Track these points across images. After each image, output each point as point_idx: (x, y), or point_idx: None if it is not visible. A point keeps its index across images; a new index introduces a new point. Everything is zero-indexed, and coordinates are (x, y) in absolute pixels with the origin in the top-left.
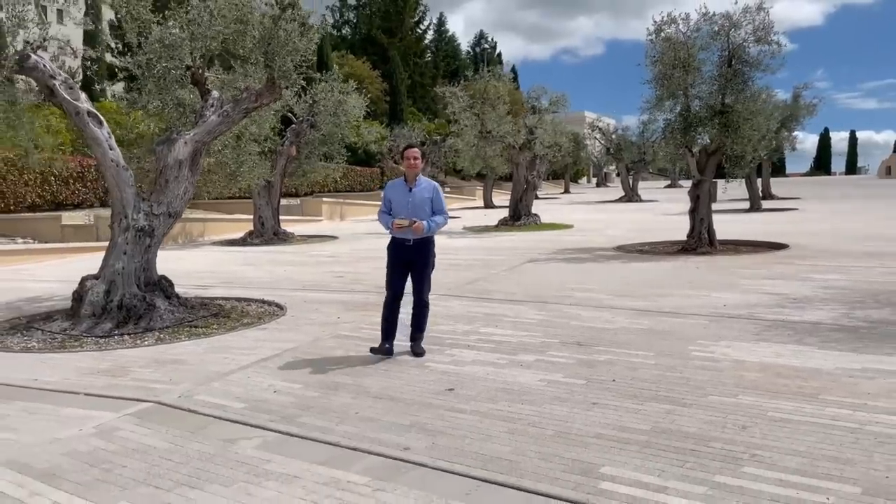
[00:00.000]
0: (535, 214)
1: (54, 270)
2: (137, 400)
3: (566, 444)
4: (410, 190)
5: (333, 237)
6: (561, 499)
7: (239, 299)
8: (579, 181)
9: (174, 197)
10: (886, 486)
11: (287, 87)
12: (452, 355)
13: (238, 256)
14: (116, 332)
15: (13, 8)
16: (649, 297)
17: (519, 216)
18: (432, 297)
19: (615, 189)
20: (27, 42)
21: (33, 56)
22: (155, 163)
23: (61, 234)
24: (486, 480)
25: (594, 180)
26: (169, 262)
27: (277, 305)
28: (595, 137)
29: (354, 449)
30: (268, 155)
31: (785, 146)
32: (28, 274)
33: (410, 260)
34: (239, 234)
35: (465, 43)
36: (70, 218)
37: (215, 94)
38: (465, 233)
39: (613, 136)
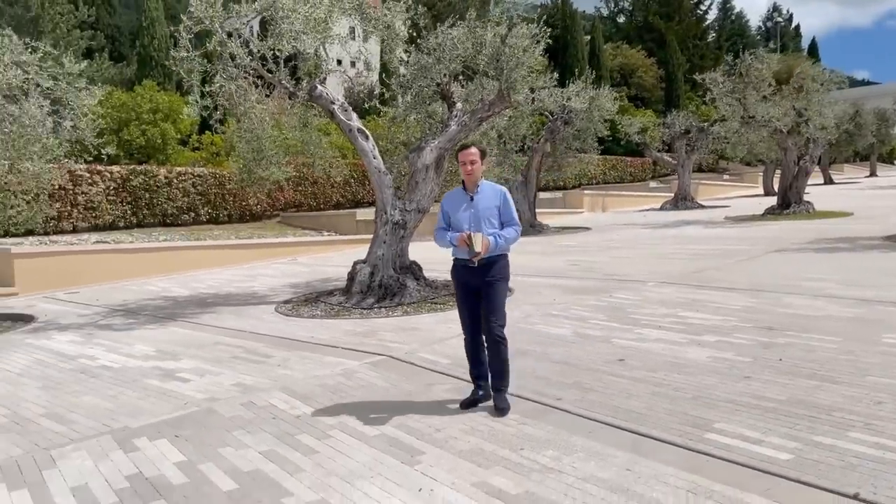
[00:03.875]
0: (808, 202)
1: (345, 257)
2: (376, 353)
3: (697, 405)
4: (472, 199)
5: (586, 228)
6: (663, 441)
7: None
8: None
9: (423, 196)
10: None
11: (515, 97)
12: (640, 333)
13: None
14: (377, 305)
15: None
16: (884, 287)
17: (788, 204)
18: (650, 285)
19: None
20: (309, 75)
21: (319, 87)
22: (408, 167)
23: (356, 228)
24: (608, 424)
25: None
26: (430, 250)
27: (508, 288)
28: None
29: (518, 396)
30: (525, 152)
31: None
32: (327, 260)
33: (477, 286)
34: None
35: (755, 18)
36: (363, 214)
37: (459, 105)
38: (725, 223)
39: None
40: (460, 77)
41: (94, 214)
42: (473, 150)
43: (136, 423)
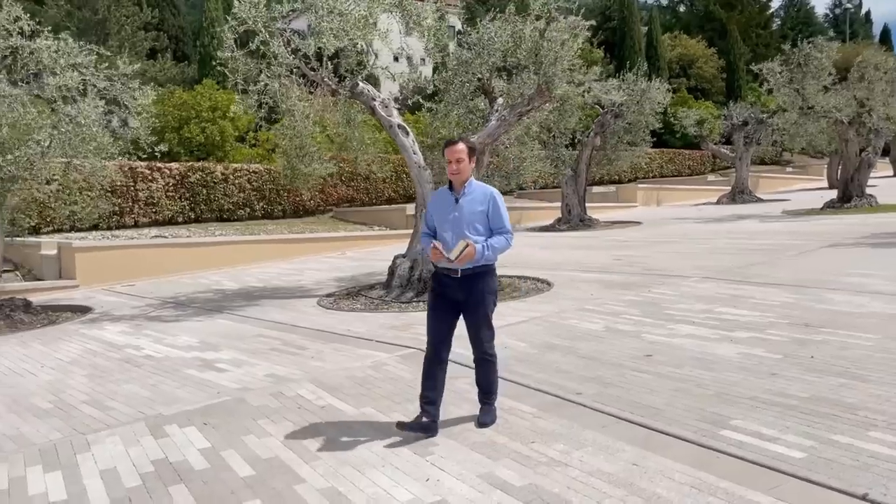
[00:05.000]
0: (870, 195)
1: (393, 252)
2: (407, 347)
3: (717, 401)
4: (457, 201)
5: (637, 223)
6: (675, 436)
7: (519, 277)
8: None
9: None
10: None
11: (554, 91)
12: (671, 329)
13: (539, 241)
14: (415, 299)
15: (348, 51)
16: None
17: (849, 197)
18: (691, 281)
19: None
20: (351, 72)
21: (360, 84)
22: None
23: (406, 222)
24: (622, 419)
25: None
26: None
27: (547, 283)
28: None
29: (537, 389)
30: (575, 146)
31: None
32: (375, 254)
33: (457, 300)
34: (550, 221)
35: (822, 5)
36: (413, 209)
37: (500, 100)
38: (781, 217)
39: None
40: (503, 72)
41: (154, 210)
42: (460, 146)
43: (169, 411)
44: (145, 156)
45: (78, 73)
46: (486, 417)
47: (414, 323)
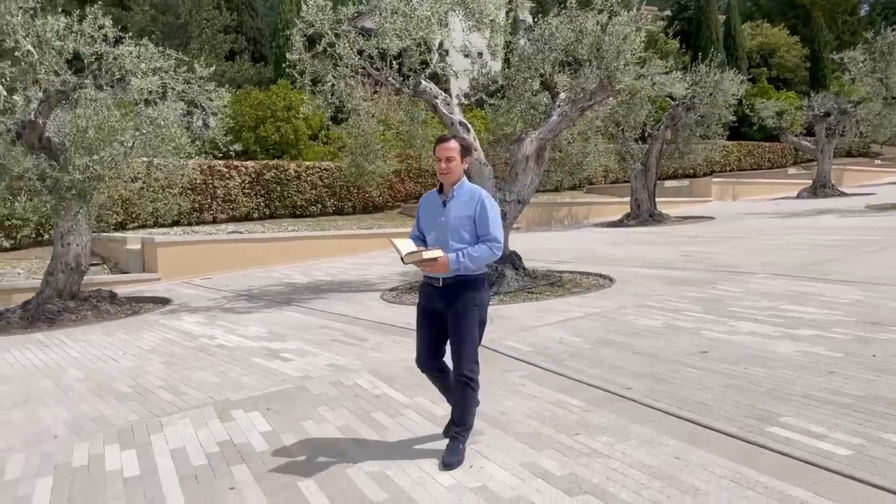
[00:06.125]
0: None
1: None
2: None
3: (768, 398)
4: (445, 205)
5: (710, 218)
6: (720, 431)
7: (581, 273)
8: None
9: (522, 186)
10: None
11: (617, 86)
12: (732, 326)
13: (605, 236)
14: None
15: (411, 51)
16: None
17: None
18: (759, 277)
19: None
20: (415, 71)
21: (423, 82)
22: (508, 158)
23: None
24: (670, 413)
25: None
26: (539, 241)
27: (609, 278)
28: None
29: (588, 384)
30: (645, 140)
31: None
32: None
33: (438, 310)
34: (618, 216)
35: None
36: None
37: (562, 95)
38: (864, 211)
39: None
40: (566, 67)
41: (231, 206)
42: (452, 143)
43: (235, 397)
44: (220, 155)
45: (158, 76)
46: (451, 457)
47: None
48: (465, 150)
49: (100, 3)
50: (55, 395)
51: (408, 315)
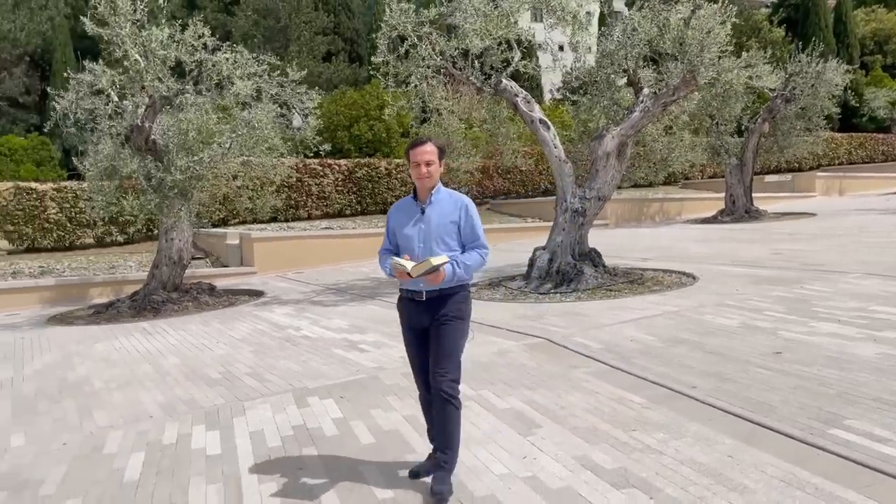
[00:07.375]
0: None
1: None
2: (535, 336)
3: (836, 400)
4: (423, 211)
5: (811, 214)
6: (779, 432)
7: (665, 270)
8: None
9: (603, 183)
10: None
11: (701, 80)
12: (813, 327)
13: (696, 233)
14: (553, 290)
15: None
16: None
17: None
18: (851, 277)
19: None
20: (496, 70)
21: (504, 81)
22: (588, 155)
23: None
24: (730, 413)
25: None
26: (626, 237)
27: (692, 276)
28: None
29: (653, 382)
30: (741, 134)
31: None
32: (524, 246)
33: (423, 327)
34: (712, 213)
35: None
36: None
37: (646, 90)
38: None
39: None
40: (650, 62)
41: (325, 203)
42: (429, 146)
43: (313, 385)
44: (312, 154)
45: (253, 81)
46: (440, 486)
47: (546, 313)
48: (441, 152)
49: (207, 9)
50: (154, 378)
51: (484, 310)
